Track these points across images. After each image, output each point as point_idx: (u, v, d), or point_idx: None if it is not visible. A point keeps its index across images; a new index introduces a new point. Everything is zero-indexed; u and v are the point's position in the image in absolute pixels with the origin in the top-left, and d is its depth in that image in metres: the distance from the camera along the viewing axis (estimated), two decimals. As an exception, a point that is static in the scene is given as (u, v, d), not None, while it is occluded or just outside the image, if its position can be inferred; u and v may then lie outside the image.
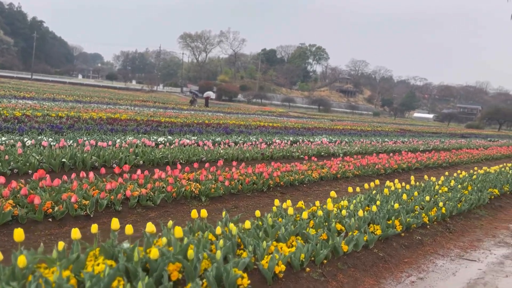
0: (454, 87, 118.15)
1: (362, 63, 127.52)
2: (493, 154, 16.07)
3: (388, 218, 4.98)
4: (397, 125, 40.04)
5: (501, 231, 6.07)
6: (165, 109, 27.38)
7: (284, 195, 6.78)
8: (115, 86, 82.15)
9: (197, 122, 17.79)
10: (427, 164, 11.45)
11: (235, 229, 3.58)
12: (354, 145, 13.94)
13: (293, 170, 7.73)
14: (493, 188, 7.98)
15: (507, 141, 27.71)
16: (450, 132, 34.96)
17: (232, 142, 10.76)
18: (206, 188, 5.76)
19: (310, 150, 11.48)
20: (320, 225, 4.38)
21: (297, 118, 36.10)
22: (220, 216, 5.12)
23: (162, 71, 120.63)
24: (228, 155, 9.12)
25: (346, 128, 25.89)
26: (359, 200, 5.51)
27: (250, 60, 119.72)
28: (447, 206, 5.97)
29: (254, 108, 55.06)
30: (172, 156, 7.98)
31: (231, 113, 32.38)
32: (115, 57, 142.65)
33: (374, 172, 9.34)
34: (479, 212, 6.73)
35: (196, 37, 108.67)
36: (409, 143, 16.92)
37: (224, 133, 14.63)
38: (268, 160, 9.97)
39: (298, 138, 14.80)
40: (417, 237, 5.06)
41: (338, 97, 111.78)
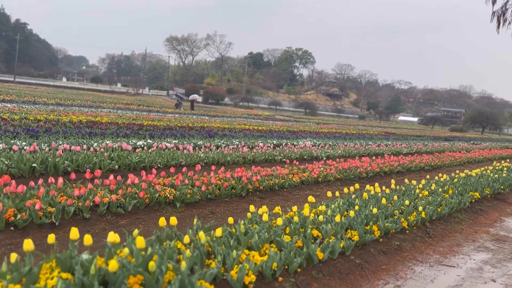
0: (438, 91, 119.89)
1: (348, 67, 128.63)
2: (475, 157, 16.19)
3: (366, 224, 4.87)
4: (382, 128, 40.31)
5: (481, 235, 6.02)
6: (148, 112, 27.06)
7: (263, 200, 6.64)
8: (99, 89, 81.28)
9: (180, 125, 17.56)
10: (410, 167, 11.43)
11: (204, 237, 3.42)
12: (337, 148, 13.88)
13: (273, 174, 7.59)
14: (474, 191, 7.96)
15: (490, 144, 28.06)
16: (434, 135, 35.31)
17: (213, 145, 10.58)
18: (181, 194, 5.58)
19: (293, 154, 11.37)
20: (296, 231, 4.24)
21: (283, 122, 36.09)
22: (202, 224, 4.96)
23: (148, 74, 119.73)
24: (208, 159, 8.94)
25: (331, 132, 25.89)
26: (338, 205, 5.39)
27: (237, 64, 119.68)
28: (427, 211, 5.89)
29: (241, 111, 54.93)
30: (149, 161, 7.77)
31: (216, 116, 32.19)
32: (100, 60, 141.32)
33: (356, 175, 9.27)
34: (459, 216, 6.68)
35: (182, 40, 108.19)
36: (392, 146, 16.96)
37: (207, 137, 14.44)
38: (250, 164, 9.81)
39: (282, 141, 14.70)
40: (396, 242, 4.96)
41: (324, 100, 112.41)
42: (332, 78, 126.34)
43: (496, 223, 6.85)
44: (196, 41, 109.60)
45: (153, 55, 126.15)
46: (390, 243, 4.89)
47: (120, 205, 4.99)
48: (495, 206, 8.08)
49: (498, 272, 4.54)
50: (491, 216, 7.32)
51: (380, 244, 4.79)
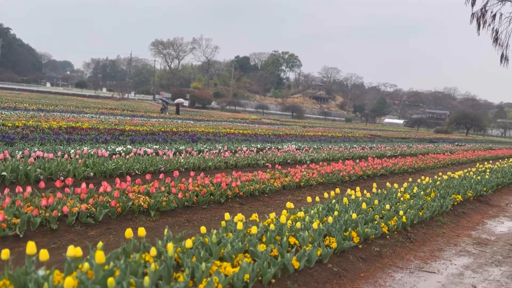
0: (423, 93, 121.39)
1: (334, 70, 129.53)
2: (459, 159, 16.28)
3: (345, 230, 4.75)
4: (368, 131, 40.51)
5: (463, 239, 5.95)
6: (132, 117, 26.70)
7: (243, 206, 6.48)
8: (84, 94, 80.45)
9: (163, 130, 17.33)
10: (393, 170, 11.40)
11: (171, 249, 3.25)
12: (322, 151, 13.81)
13: (254, 180, 7.44)
14: (457, 194, 7.92)
15: (474, 145, 28.37)
16: (419, 137, 35.60)
17: (195, 150, 10.39)
18: (156, 202, 5.39)
19: (276, 158, 11.24)
20: (272, 240, 4.10)
21: (269, 125, 36.00)
22: (175, 233, 4.78)
23: (134, 78, 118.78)
24: (189, 165, 8.75)
25: (317, 135, 25.89)
26: (317, 210, 5.26)
27: (223, 67, 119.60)
28: (408, 215, 5.80)
29: (227, 115, 54.74)
30: (126, 167, 7.55)
31: (202, 121, 31.96)
32: (85, 65, 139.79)
33: (338, 179, 9.17)
34: (441, 220, 6.61)
35: (168, 44, 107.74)
36: (376, 149, 16.97)
37: (190, 141, 14.25)
38: (232, 169, 9.65)
39: (267, 145, 14.56)
40: (376, 248, 4.85)
41: (311, 103, 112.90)
42: (318, 81, 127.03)
43: (478, 226, 6.80)
44: (182, 45, 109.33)
45: (139, 60, 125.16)
46: (370, 249, 4.78)
47: (91, 214, 4.79)
48: (478, 208, 8.05)
49: (479, 278, 4.46)
50: (474, 219, 7.28)
51: (359, 250, 4.67)
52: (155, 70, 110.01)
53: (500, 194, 9.93)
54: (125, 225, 4.94)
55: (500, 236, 6.31)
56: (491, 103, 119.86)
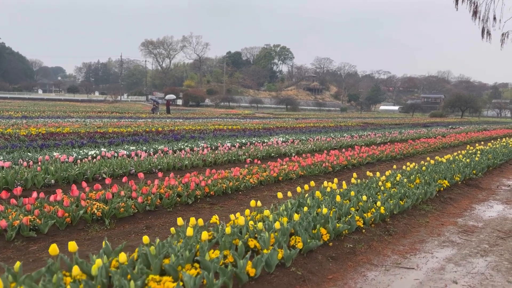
0: (417, 78, 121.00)
1: (327, 61, 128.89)
2: (451, 142, 15.89)
3: (314, 227, 4.34)
4: (361, 119, 40.13)
5: (448, 227, 5.55)
6: (120, 118, 26.22)
7: (213, 207, 6.07)
8: (77, 99, 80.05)
9: (148, 130, 16.91)
10: (380, 157, 10.99)
11: (96, 266, 2.83)
12: (308, 143, 13.39)
13: (228, 177, 7.03)
14: (443, 179, 7.52)
15: (468, 127, 28.00)
16: (412, 123, 35.23)
17: (171, 149, 9.97)
18: (111, 209, 4.97)
19: (259, 152, 10.83)
20: (227, 245, 3.68)
21: (262, 119, 35.58)
22: (130, 242, 4.38)
23: (127, 80, 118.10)
24: (163, 165, 8.33)
25: (309, 126, 25.48)
26: (285, 207, 4.84)
27: (216, 64, 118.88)
28: (387, 205, 5.39)
29: (220, 111, 54.33)
30: (92, 172, 7.12)
31: (192, 118, 31.52)
32: (77, 69, 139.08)
33: (321, 171, 8.76)
34: (425, 208, 6.21)
35: (158, 43, 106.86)
36: (366, 136, 16.56)
37: (173, 140, 13.82)
38: (210, 166, 9.24)
39: (253, 139, 14.15)
40: (349, 245, 4.44)
41: (305, 95, 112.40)
42: (311, 73, 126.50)
43: (465, 212, 6.41)
44: (172, 44, 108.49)
45: (131, 61, 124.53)
46: (342, 247, 4.37)
47: (35, 227, 4.37)
48: (466, 193, 7.65)
49: (462, 271, 4.06)
50: (461, 204, 6.88)
51: (330, 249, 4.26)
52: (146, 71, 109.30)
53: (491, 176, 9.54)
54: (74, 236, 4.52)
55: (488, 222, 5.92)
56: (485, 84, 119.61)
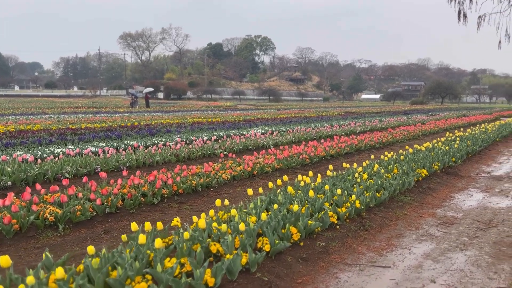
0: (398, 66, 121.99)
1: (308, 50, 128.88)
2: (430, 129, 15.82)
3: (283, 226, 4.04)
4: (343, 109, 40.09)
5: (427, 219, 5.33)
6: (96, 114, 25.49)
7: (182, 206, 5.71)
8: (55, 95, 78.30)
9: (123, 125, 16.40)
10: (359, 147, 10.77)
11: (23, 286, 2.46)
12: (287, 134, 13.10)
13: (199, 173, 6.67)
14: (422, 168, 7.32)
15: (447, 114, 28.16)
16: (393, 110, 35.33)
17: (142, 145, 9.54)
18: (66, 212, 4.57)
19: (236, 145, 10.48)
20: (184, 251, 3.35)
21: (243, 111, 35.22)
22: (83, 250, 4.01)
23: (106, 74, 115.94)
24: (132, 162, 7.91)
25: (290, 116, 25.24)
26: (253, 206, 4.52)
27: (197, 56, 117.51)
28: (363, 198, 5.13)
29: (201, 104, 53.74)
30: (53, 171, 6.68)
31: (171, 112, 30.95)
32: (55, 64, 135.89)
33: (298, 163, 8.48)
34: (403, 199, 5.98)
35: (137, 36, 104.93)
36: (346, 126, 16.36)
37: (148, 135, 13.36)
38: (184, 162, 8.85)
39: (231, 132, 13.78)
40: (321, 243, 4.16)
41: (288, 86, 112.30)
42: (293, 63, 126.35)
43: (445, 202, 6.20)
44: (151, 36, 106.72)
45: (110, 55, 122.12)
46: (314, 246, 4.08)
47: (-25, 237, 3.96)
48: (445, 181, 7.47)
49: (440, 269, 3.82)
50: (440, 194, 6.68)
51: (300, 249, 3.97)
52: (125, 64, 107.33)
53: (470, 163, 9.41)
54: (23, 245, 4.12)
55: (468, 212, 5.72)
56: (464, 70, 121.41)
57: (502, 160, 10.39)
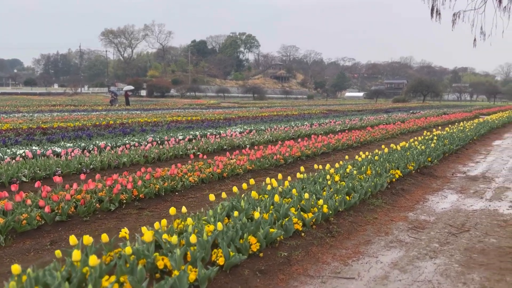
0: (381, 64, 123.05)
1: (293, 48, 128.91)
2: (409, 128, 15.75)
3: (241, 236, 3.76)
4: (326, 107, 40.09)
5: (398, 224, 5.12)
6: (72, 112, 24.82)
7: (142, 212, 5.38)
8: (35, 92, 76.68)
9: (98, 123, 15.92)
10: (336, 146, 10.57)
11: None
12: (265, 133, 12.84)
13: (164, 176, 6.35)
14: (396, 168, 7.13)
15: (428, 112, 28.29)
16: (375, 108, 35.42)
17: (109, 145, 9.15)
18: (11, 221, 4.21)
19: (210, 145, 10.18)
20: (124, 268, 3.03)
21: (226, 109, 34.90)
22: (25, 263, 3.67)
23: (88, 71, 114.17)
24: (96, 164, 7.53)
25: (272, 115, 24.97)
26: (212, 213, 4.23)
27: (180, 53, 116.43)
28: (331, 202, 4.89)
29: (184, 101, 53.12)
30: (8, 175, 6.27)
31: (153, 110, 30.45)
32: (35, 61, 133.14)
33: (272, 164, 8.22)
34: (374, 202, 5.76)
35: (119, 32, 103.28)
36: (325, 124, 16.19)
37: (121, 134, 12.94)
38: (153, 163, 8.52)
39: (209, 131, 13.45)
40: (283, 253, 3.89)
41: (272, 83, 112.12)
42: (278, 61, 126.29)
43: (418, 205, 6.01)
44: (134, 33, 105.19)
45: (92, 52, 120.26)
46: (275, 257, 3.82)
47: None
48: (420, 182, 7.30)
49: (407, 280, 3.59)
50: (414, 195, 6.50)
51: (259, 260, 3.69)
52: (107, 61, 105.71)
53: (446, 163, 9.29)
54: (-45, 259, 3.75)
55: (441, 215, 5.54)
56: (446, 68, 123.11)
57: (478, 159, 10.31)
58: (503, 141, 14.57)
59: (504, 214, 5.55)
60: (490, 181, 7.73)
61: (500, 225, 5.06)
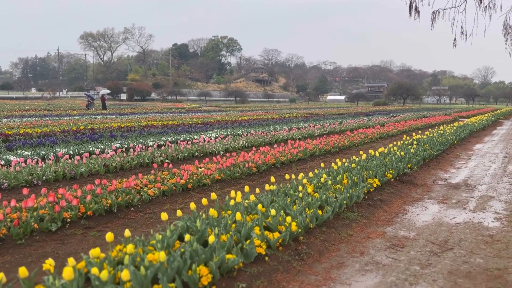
0: (362, 68, 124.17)
1: (275, 52, 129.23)
2: (389, 131, 15.41)
3: (190, 266, 3.19)
4: (307, 110, 39.80)
5: (375, 241, 4.63)
6: (44, 117, 23.80)
7: (89, 232, 4.75)
8: (11, 97, 74.81)
9: (68, 129, 15.16)
10: (313, 152, 10.09)
11: None
12: (240, 139, 12.29)
13: (118, 189, 5.73)
14: (373, 177, 6.67)
15: (408, 115, 28.22)
16: (356, 112, 35.30)
17: (67, 154, 8.46)
18: None
19: (180, 153, 9.57)
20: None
21: (206, 113, 34.29)
22: None
23: (68, 75, 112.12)
24: (49, 175, 6.85)
25: (252, 119, 24.48)
26: (161, 238, 3.64)
27: (162, 57, 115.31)
28: (301, 219, 4.37)
29: (164, 105, 52.23)
30: None
31: (129, 114, 29.60)
32: (13, 65, 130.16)
33: (243, 172, 7.67)
34: (350, 216, 5.27)
35: (98, 35, 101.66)
36: (304, 129, 15.74)
37: (88, 141, 12.22)
38: (115, 173, 7.87)
39: (182, 137, 12.82)
40: (241, 285, 3.34)
41: (254, 87, 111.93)
42: (260, 64, 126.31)
43: (397, 218, 5.55)
44: (114, 36, 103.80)
45: (71, 55, 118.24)
46: (231, 289, 3.27)
47: None
48: (399, 191, 6.86)
49: (382, 313, 3.09)
50: (393, 207, 6.04)
51: (211, 295, 3.14)
52: (86, 65, 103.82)
53: (427, 169, 8.90)
54: None
55: (421, 229, 5.07)
56: (425, 72, 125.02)
57: (459, 164, 9.98)
58: (484, 145, 14.37)
59: (489, 227, 5.13)
60: (472, 189, 7.35)
61: (486, 241, 4.62)
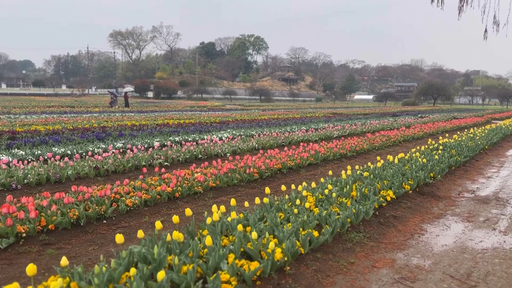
0: (391, 67, 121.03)
1: (302, 50, 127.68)
2: (414, 134, 14.30)
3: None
4: (332, 109, 38.66)
5: (380, 272, 3.80)
6: (63, 113, 23.78)
7: (45, 250, 4.13)
8: (42, 93, 77.11)
9: (81, 127, 14.93)
10: (326, 156, 9.24)
11: None
12: (250, 140, 11.57)
13: (92, 199, 5.11)
14: (388, 189, 5.81)
15: (437, 116, 26.74)
16: (382, 112, 33.93)
17: (59, 155, 7.97)
18: None
19: (181, 155, 8.94)
20: None
21: (227, 111, 33.79)
22: None
23: (98, 73, 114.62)
24: (31, 178, 6.33)
25: (272, 118, 23.73)
26: (97, 271, 2.96)
27: (189, 55, 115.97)
28: (288, 245, 3.60)
29: (188, 103, 52.20)
30: None
31: (151, 112, 29.40)
32: (46, 63, 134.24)
33: (243, 179, 6.94)
34: (354, 238, 4.44)
35: (127, 34, 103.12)
36: (322, 130, 14.85)
37: (95, 139, 11.79)
38: (107, 176, 7.31)
39: (190, 137, 12.21)
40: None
41: (280, 86, 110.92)
42: (286, 63, 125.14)
43: (411, 240, 4.68)
44: (142, 34, 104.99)
45: (102, 53, 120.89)
46: None
47: None
48: (418, 206, 5.95)
49: None
50: (408, 225, 5.16)
51: None
52: (115, 63, 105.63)
53: (452, 179, 7.90)
54: None
55: (440, 257, 4.20)
56: (457, 71, 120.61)
57: (490, 173, 8.90)
58: (519, 150, 13.09)
59: (524, 257, 4.21)
60: (504, 204, 6.35)
61: (520, 277, 3.72)
